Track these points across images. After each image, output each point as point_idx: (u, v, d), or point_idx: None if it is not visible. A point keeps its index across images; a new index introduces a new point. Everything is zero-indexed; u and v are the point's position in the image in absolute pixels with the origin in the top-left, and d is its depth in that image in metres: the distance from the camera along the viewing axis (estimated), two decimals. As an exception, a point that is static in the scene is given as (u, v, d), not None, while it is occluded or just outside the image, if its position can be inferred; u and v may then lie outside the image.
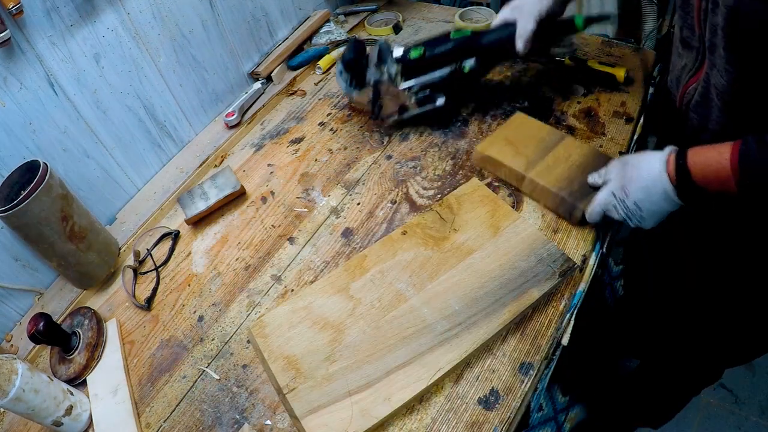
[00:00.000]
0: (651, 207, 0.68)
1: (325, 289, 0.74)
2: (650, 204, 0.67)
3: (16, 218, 0.74)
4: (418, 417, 0.64)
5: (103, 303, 0.88)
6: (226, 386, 0.72)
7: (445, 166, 0.95)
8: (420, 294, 0.71)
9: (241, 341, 0.77)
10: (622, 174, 0.71)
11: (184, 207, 0.95)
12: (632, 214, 0.70)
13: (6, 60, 0.76)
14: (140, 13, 0.94)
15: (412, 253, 0.76)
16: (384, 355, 0.66)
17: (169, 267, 0.90)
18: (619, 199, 0.71)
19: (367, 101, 0.99)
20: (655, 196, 0.66)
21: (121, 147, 0.98)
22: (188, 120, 1.11)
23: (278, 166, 1.03)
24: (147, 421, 0.70)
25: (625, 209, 0.70)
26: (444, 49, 0.93)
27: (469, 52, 0.94)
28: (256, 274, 0.85)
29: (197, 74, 1.09)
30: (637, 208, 0.69)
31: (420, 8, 1.41)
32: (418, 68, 0.95)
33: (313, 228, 0.90)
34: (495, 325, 0.67)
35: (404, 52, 0.94)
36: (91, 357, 0.77)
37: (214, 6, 1.07)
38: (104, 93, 0.92)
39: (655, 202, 0.67)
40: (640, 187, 0.68)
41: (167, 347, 0.78)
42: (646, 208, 0.68)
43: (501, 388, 0.65)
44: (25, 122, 0.81)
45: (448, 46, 0.93)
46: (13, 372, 0.62)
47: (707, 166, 0.61)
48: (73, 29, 0.84)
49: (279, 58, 1.23)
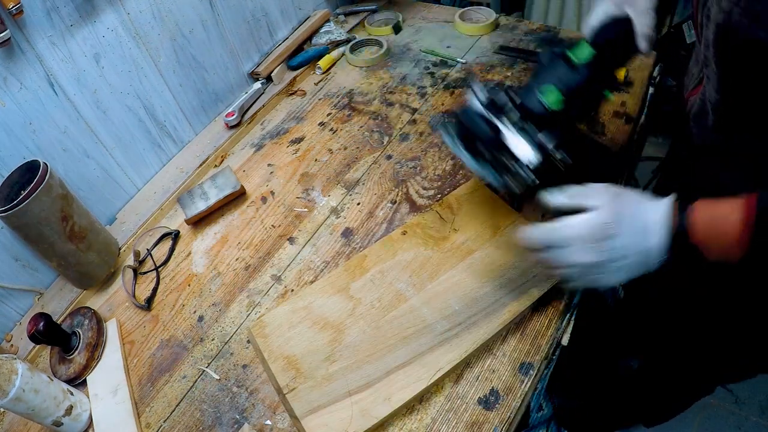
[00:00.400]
0: (637, 258, 0.55)
1: (325, 289, 0.74)
2: (637, 254, 0.54)
3: (16, 218, 0.74)
4: (418, 417, 0.64)
5: (103, 303, 0.88)
6: (226, 386, 0.72)
7: (445, 166, 0.95)
8: (420, 294, 0.71)
9: (241, 341, 0.77)
10: (615, 206, 0.56)
11: (184, 207, 0.95)
12: (612, 259, 0.55)
13: (6, 60, 0.76)
14: (140, 13, 0.94)
15: (412, 253, 0.76)
16: (384, 355, 0.66)
17: (169, 267, 0.90)
18: (601, 237, 0.54)
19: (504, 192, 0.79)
20: (647, 245, 0.54)
21: (121, 147, 0.98)
22: (188, 120, 1.11)
23: (278, 166, 1.03)
24: (147, 421, 0.70)
25: (608, 250, 0.54)
26: (579, 81, 0.64)
27: (606, 77, 0.68)
28: (256, 274, 0.85)
29: (197, 74, 1.09)
30: (622, 252, 0.54)
31: (420, 8, 1.41)
32: (553, 121, 0.65)
33: (313, 228, 0.90)
34: (495, 325, 0.67)
35: (543, 110, 0.64)
36: (91, 357, 0.77)
37: (214, 6, 1.07)
38: (104, 93, 0.92)
39: (641, 252, 0.54)
40: (637, 229, 0.54)
41: (167, 347, 0.78)
42: (632, 255, 0.54)
43: (501, 388, 0.65)
44: (25, 122, 0.81)
45: (582, 75, 0.64)
46: (13, 372, 0.62)
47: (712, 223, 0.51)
48: (73, 29, 0.84)
49: (279, 58, 1.23)
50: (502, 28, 1.26)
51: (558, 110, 0.63)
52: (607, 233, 0.54)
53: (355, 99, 1.15)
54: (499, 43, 1.20)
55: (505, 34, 1.24)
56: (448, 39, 1.26)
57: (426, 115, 1.06)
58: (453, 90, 1.11)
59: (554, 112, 0.63)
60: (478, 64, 1.16)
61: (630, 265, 0.55)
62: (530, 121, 0.64)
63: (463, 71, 1.15)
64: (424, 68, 1.19)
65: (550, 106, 0.63)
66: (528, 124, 0.64)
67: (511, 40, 1.21)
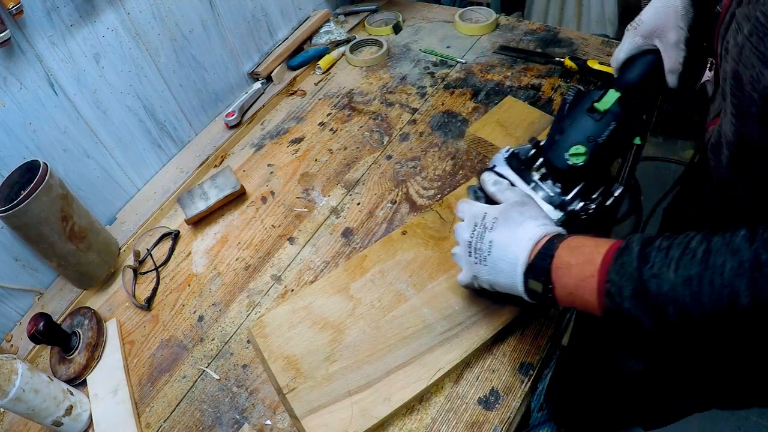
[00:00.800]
0: (504, 266, 0.56)
1: (325, 289, 0.74)
2: (501, 262, 0.56)
3: (16, 218, 0.74)
4: (418, 417, 0.64)
5: (103, 303, 0.88)
6: (226, 386, 0.72)
7: (445, 166, 0.95)
8: (420, 294, 0.71)
9: (241, 341, 0.77)
10: (508, 209, 0.59)
11: (184, 207, 0.95)
12: (477, 249, 0.58)
13: (6, 60, 0.76)
14: (140, 13, 0.94)
15: (412, 253, 0.76)
16: (384, 355, 0.66)
17: (169, 267, 0.90)
18: (482, 224, 0.59)
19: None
20: (510, 253, 0.55)
21: (121, 147, 0.98)
22: (188, 120, 1.11)
23: (278, 166, 1.03)
24: (147, 421, 0.70)
25: (477, 237, 0.58)
26: (606, 134, 0.63)
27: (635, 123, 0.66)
28: (256, 274, 0.85)
29: (197, 74, 1.09)
30: (488, 248, 0.57)
31: (420, 8, 1.41)
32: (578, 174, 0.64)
33: (313, 228, 0.90)
34: (495, 325, 0.67)
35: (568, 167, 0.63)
36: (91, 357, 0.77)
37: (214, 6, 1.07)
38: (104, 93, 0.92)
39: (506, 259, 0.56)
40: (509, 235, 0.56)
41: (167, 347, 0.78)
42: (492, 259, 0.57)
43: (501, 388, 0.65)
44: (25, 122, 0.81)
45: (608, 126, 0.63)
46: (13, 372, 0.62)
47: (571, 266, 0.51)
48: (73, 29, 0.84)
49: (279, 58, 1.23)
50: (502, 28, 1.26)
51: (583, 165, 0.62)
52: (485, 223, 0.58)
53: (355, 99, 1.15)
54: (499, 43, 1.20)
55: (505, 34, 1.24)
56: (448, 39, 1.26)
57: (426, 115, 1.06)
58: (453, 90, 1.11)
59: (580, 167, 0.62)
60: (478, 64, 1.16)
61: (498, 269, 0.57)
62: (554, 175, 0.65)
63: (463, 71, 1.15)
64: (424, 68, 1.19)
65: (576, 164, 0.62)
66: (548, 183, 0.66)
67: (511, 40, 1.21)
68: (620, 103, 0.63)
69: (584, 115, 0.64)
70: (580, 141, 0.63)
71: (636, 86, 0.67)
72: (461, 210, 0.64)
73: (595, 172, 0.64)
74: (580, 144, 0.62)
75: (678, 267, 0.42)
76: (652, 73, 0.67)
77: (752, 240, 0.40)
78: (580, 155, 0.62)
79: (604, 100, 0.64)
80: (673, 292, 0.42)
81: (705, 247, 0.42)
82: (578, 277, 0.50)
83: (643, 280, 0.44)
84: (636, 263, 0.45)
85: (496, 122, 0.93)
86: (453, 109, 1.06)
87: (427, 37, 1.29)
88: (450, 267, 0.74)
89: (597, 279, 0.48)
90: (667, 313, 0.43)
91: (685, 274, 0.42)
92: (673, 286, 0.42)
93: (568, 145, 0.63)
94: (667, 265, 0.43)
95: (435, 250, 0.76)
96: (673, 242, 0.44)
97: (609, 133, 0.62)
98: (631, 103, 0.63)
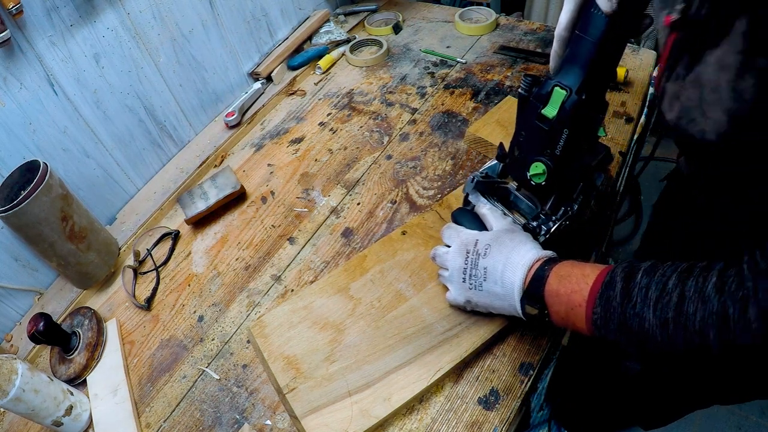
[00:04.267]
0: (495, 290, 0.58)
1: (325, 289, 0.74)
2: (497, 287, 0.58)
3: (16, 218, 0.74)
4: (418, 417, 0.64)
5: (103, 303, 0.88)
6: (226, 386, 0.72)
7: (445, 166, 0.95)
8: (420, 294, 0.71)
9: (241, 341, 0.77)
10: (500, 236, 0.60)
11: (184, 207, 0.95)
12: (472, 276, 0.60)
13: (6, 60, 0.76)
14: (140, 13, 0.94)
15: (412, 253, 0.76)
16: (384, 355, 0.66)
17: (169, 267, 0.90)
18: (474, 251, 0.60)
19: None
20: (506, 285, 0.57)
21: (121, 147, 0.98)
22: (188, 120, 1.11)
23: (278, 166, 1.03)
24: (147, 421, 0.70)
25: (471, 264, 0.60)
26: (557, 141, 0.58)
27: (591, 118, 0.59)
28: (256, 274, 0.85)
29: (197, 74, 1.09)
30: (482, 275, 0.59)
31: (420, 8, 1.41)
32: (546, 189, 0.63)
33: (313, 228, 0.90)
34: (495, 325, 0.67)
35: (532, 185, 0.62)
36: (91, 357, 0.77)
37: (214, 6, 1.07)
38: (104, 93, 0.92)
39: (501, 293, 0.58)
40: (503, 261, 0.58)
41: (167, 347, 0.78)
42: (488, 285, 0.58)
43: (501, 388, 0.65)
44: (25, 122, 0.81)
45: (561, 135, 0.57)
46: (13, 372, 0.62)
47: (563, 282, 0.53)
48: (73, 29, 0.84)
49: (279, 58, 1.23)
50: (502, 28, 1.26)
51: (546, 182, 0.60)
52: (478, 250, 0.60)
53: (355, 99, 1.15)
54: (499, 43, 1.20)
55: (505, 34, 1.24)
56: (448, 39, 1.26)
57: (426, 115, 1.06)
58: (453, 90, 1.11)
59: (545, 184, 0.61)
60: (478, 64, 1.16)
61: (495, 294, 0.58)
62: (519, 184, 0.67)
63: (463, 71, 1.15)
64: (424, 68, 1.19)
65: (540, 183, 0.61)
66: (525, 194, 0.67)
67: (511, 40, 1.21)
68: (567, 102, 0.55)
69: (534, 125, 0.59)
70: (538, 156, 0.60)
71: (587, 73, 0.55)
72: (448, 236, 0.65)
73: (566, 181, 0.63)
74: (539, 161, 0.60)
75: (656, 309, 0.45)
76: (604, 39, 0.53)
77: (721, 291, 0.42)
78: (540, 175, 0.60)
79: (551, 105, 0.57)
80: (652, 332, 0.45)
81: (679, 291, 0.44)
82: (567, 305, 0.53)
83: (626, 316, 0.47)
84: (619, 299, 0.47)
85: (496, 122, 0.93)
86: (453, 109, 1.06)
87: (427, 37, 1.29)
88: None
89: (584, 309, 0.51)
90: (648, 348, 0.46)
91: (662, 317, 0.44)
92: (652, 327, 0.45)
93: (528, 164, 0.61)
94: (647, 305, 0.45)
95: (435, 250, 0.76)
96: (651, 280, 0.46)
97: (564, 142, 0.57)
98: (581, 100, 0.55)
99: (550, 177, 0.60)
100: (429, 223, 0.80)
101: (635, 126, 0.95)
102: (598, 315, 0.49)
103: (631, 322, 0.46)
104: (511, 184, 0.69)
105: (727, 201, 0.64)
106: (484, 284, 0.59)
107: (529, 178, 0.61)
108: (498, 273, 0.58)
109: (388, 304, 0.71)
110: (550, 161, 0.59)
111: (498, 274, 0.58)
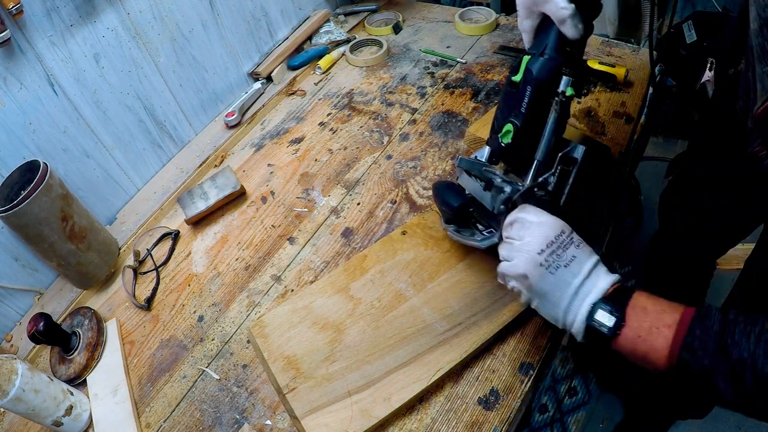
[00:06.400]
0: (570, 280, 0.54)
1: (325, 289, 0.74)
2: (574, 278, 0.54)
3: (16, 218, 0.74)
4: (418, 417, 0.64)
5: (103, 303, 0.88)
6: (226, 386, 0.72)
7: (445, 166, 0.95)
8: (420, 294, 0.71)
9: (241, 341, 0.77)
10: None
11: (184, 207, 0.95)
12: (556, 254, 0.55)
13: (6, 60, 0.76)
14: (140, 13, 0.94)
15: (412, 253, 0.76)
16: (384, 355, 0.66)
17: (169, 267, 0.90)
18: (569, 236, 0.56)
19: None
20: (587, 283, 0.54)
21: (121, 147, 0.98)
22: (188, 120, 1.11)
23: (278, 166, 1.03)
24: (147, 421, 0.70)
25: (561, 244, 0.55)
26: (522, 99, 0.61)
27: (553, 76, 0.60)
28: (256, 274, 0.85)
29: (197, 74, 1.09)
30: (569, 259, 0.54)
31: (420, 8, 1.41)
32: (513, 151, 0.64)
33: (313, 228, 0.90)
34: (495, 325, 0.67)
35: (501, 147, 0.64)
36: (91, 357, 0.77)
37: (214, 6, 1.07)
38: (104, 93, 0.92)
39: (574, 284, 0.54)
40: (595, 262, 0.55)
41: (167, 347, 0.78)
42: (567, 272, 0.54)
43: (501, 388, 0.65)
44: (25, 122, 0.81)
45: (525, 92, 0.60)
46: (13, 372, 0.62)
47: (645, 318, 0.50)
48: (73, 29, 0.84)
49: (279, 58, 1.23)
50: (502, 28, 1.26)
51: (513, 140, 0.62)
52: (573, 238, 0.56)
53: (355, 99, 1.15)
54: (499, 43, 1.20)
55: (505, 34, 1.24)
56: (448, 39, 1.26)
57: (426, 115, 1.06)
58: (453, 90, 1.11)
59: (512, 144, 0.62)
60: (478, 64, 1.16)
61: (567, 283, 0.54)
62: (497, 158, 0.67)
63: (463, 71, 1.15)
64: (424, 68, 1.19)
65: (507, 142, 0.62)
66: (512, 176, 0.66)
67: (511, 40, 1.21)
68: (530, 62, 0.60)
69: (507, 92, 0.63)
70: (509, 119, 0.62)
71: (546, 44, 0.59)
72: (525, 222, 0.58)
73: (534, 141, 0.62)
74: (508, 122, 0.62)
75: (759, 340, 0.44)
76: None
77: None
78: (507, 133, 0.62)
79: (520, 72, 0.61)
80: (752, 360, 0.44)
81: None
82: (653, 323, 0.50)
83: (726, 343, 0.45)
84: (719, 326, 0.46)
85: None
86: (453, 109, 1.06)
87: (427, 37, 1.29)
88: (450, 267, 0.74)
89: (675, 330, 0.48)
90: (744, 377, 0.45)
91: (765, 348, 0.44)
92: (753, 355, 0.44)
93: (500, 127, 0.63)
94: (746, 336, 0.45)
95: (435, 250, 0.76)
96: (746, 319, 0.46)
97: (528, 99, 0.60)
98: (545, 59, 0.59)
99: (517, 135, 0.61)
100: (429, 223, 0.80)
101: (635, 126, 0.95)
102: (696, 337, 0.47)
103: (730, 349, 0.45)
104: (498, 170, 0.68)
105: (727, 201, 0.64)
106: (561, 269, 0.54)
107: (501, 142, 0.63)
108: (585, 267, 0.54)
109: (388, 304, 0.71)
110: (516, 119, 0.61)
111: (585, 268, 0.54)
